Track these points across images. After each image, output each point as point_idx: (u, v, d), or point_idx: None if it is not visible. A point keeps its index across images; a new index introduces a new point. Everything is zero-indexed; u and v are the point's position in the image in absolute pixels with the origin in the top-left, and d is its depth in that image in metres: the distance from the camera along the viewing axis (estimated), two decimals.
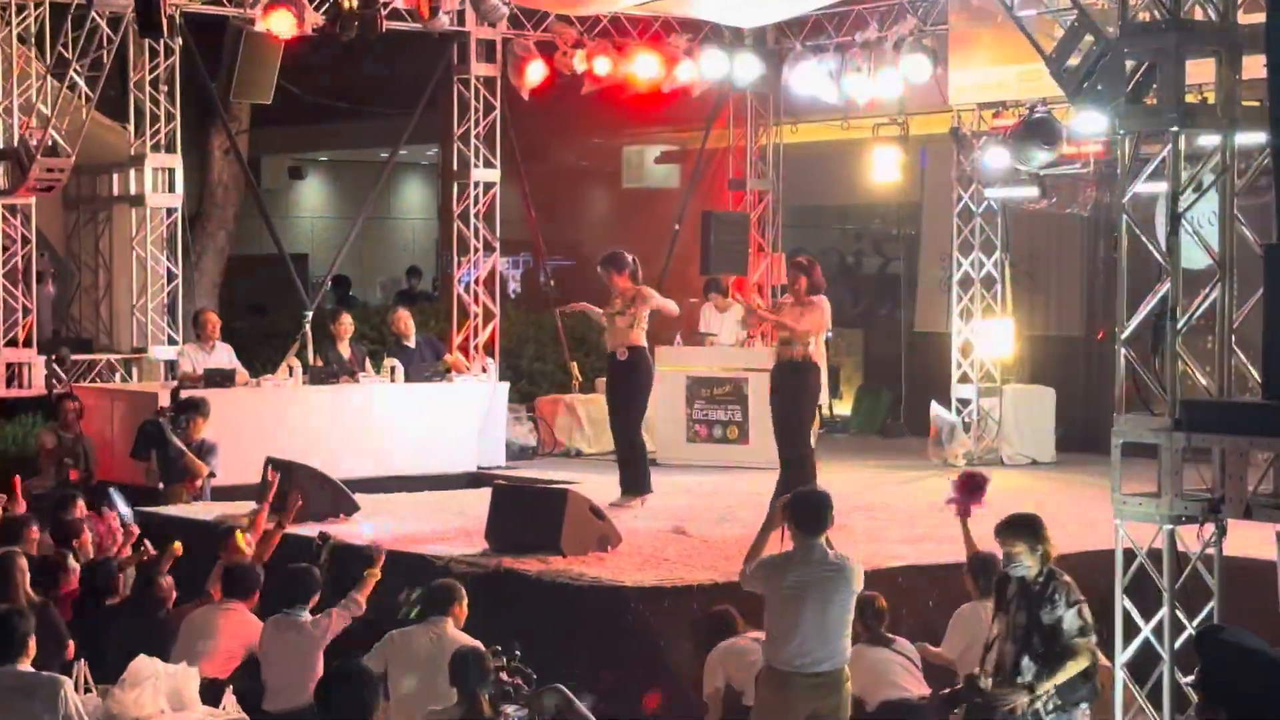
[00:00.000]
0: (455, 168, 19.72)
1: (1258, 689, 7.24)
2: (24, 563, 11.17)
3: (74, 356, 17.90)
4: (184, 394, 15.93)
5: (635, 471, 14.96)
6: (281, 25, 16.70)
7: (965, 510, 11.29)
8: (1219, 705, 7.31)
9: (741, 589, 9.65)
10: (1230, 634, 8.02)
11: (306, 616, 10.35)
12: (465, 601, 10.14)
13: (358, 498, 14.27)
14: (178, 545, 11.86)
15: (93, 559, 12.09)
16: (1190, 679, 7.94)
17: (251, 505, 13.29)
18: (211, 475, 15.38)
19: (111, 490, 13.82)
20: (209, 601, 11.21)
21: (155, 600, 11.29)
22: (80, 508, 12.92)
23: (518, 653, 9.00)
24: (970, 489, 11.38)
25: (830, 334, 17.31)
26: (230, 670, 10.57)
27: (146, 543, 12.36)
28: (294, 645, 10.28)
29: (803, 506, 9.39)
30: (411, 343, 18.43)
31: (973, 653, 10.43)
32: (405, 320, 18.64)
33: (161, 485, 15.15)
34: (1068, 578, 9.17)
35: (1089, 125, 13.74)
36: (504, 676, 8.78)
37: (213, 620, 10.85)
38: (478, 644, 9.21)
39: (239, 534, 12.01)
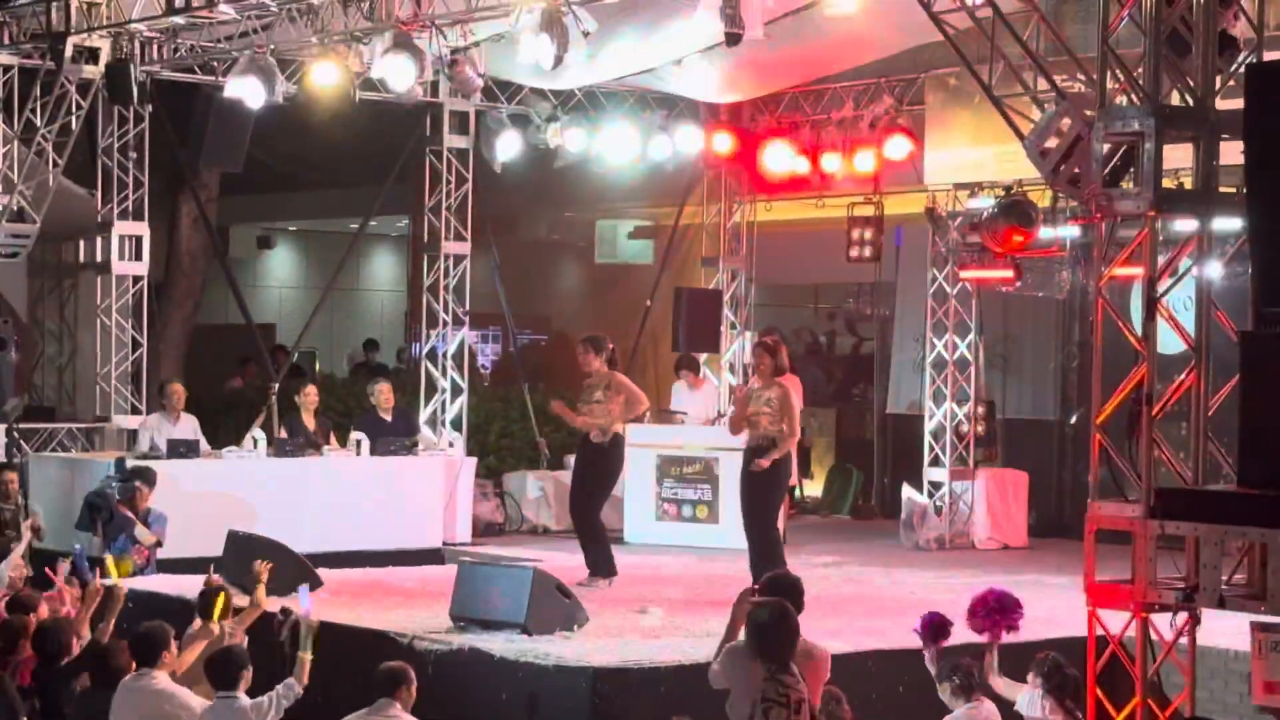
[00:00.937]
0: (426, 239, 19.62)
1: None
2: None
3: (35, 424, 17.68)
4: (130, 463, 15.73)
5: (599, 555, 14.80)
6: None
7: (935, 654, 11.03)
8: None
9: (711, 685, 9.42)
10: None
11: (245, 701, 10.06)
12: (414, 685, 9.95)
13: (321, 572, 14.08)
14: None
15: (44, 621, 11.83)
16: None
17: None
18: (159, 544, 15.15)
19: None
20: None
21: (114, 671, 11.01)
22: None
23: None
24: (935, 633, 11.08)
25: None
26: None
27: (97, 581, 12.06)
28: None
29: (775, 590, 9.22)
30: (389, 415, 18.27)
31: None
32: (386, 393, 18.43)
33: (108, 556, 14.87)
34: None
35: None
36: None
37: (127, 693, 10.49)
38: None
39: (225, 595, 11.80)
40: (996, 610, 10.97)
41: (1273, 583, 8.90)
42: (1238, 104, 9.24)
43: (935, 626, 10.93)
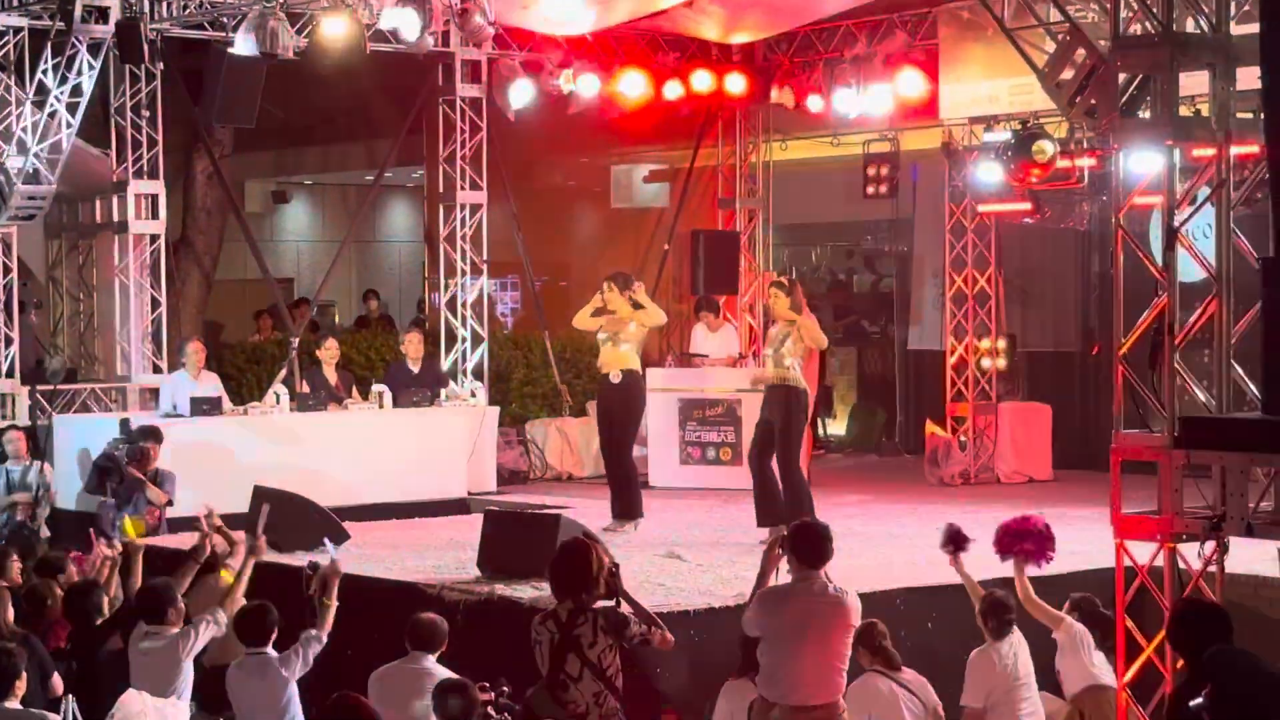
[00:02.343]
0: (441, 190, 19.60)
1: (1267, 709, 7.13)
2: (5, 595, 11.04)
3: (58, 386, 17.69)
4: (135, 423, 15.75)
5: (627, 497, 14.82)
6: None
7: (955, 559, 11.12)
8: None
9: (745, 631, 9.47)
10: (1240, 654, 7.91)
11: (273, 654, 10.10)
12: (447, 636, 10.00)
13: (347, 525, 14.11)
14: None
15: (75, 583, 11.87)
16: (1197, 700, 7.80)
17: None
18: (169, 504, 15.17)
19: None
20: None
21: None
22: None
23: (505, 688, 8.85)
24: (953, 541, 11.17)
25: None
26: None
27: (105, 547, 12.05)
28: (264, 687, 10.02)
29: (804, 538, 9.23)
30: (417, 366, 18.27)
31: (994, 697, 10.28)
32: (415, 343, 18.43)
33: (125, 516, 14.90)
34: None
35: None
36: (491, 712, 8.64)
37: (140, 653, 10.50)
38: (461, 679, 9.07)
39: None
40: (1022, 536, 11.00)
41: None
42: (1253, 29, 9.17)
43: (953, 536, 11.03)
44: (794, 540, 9.22)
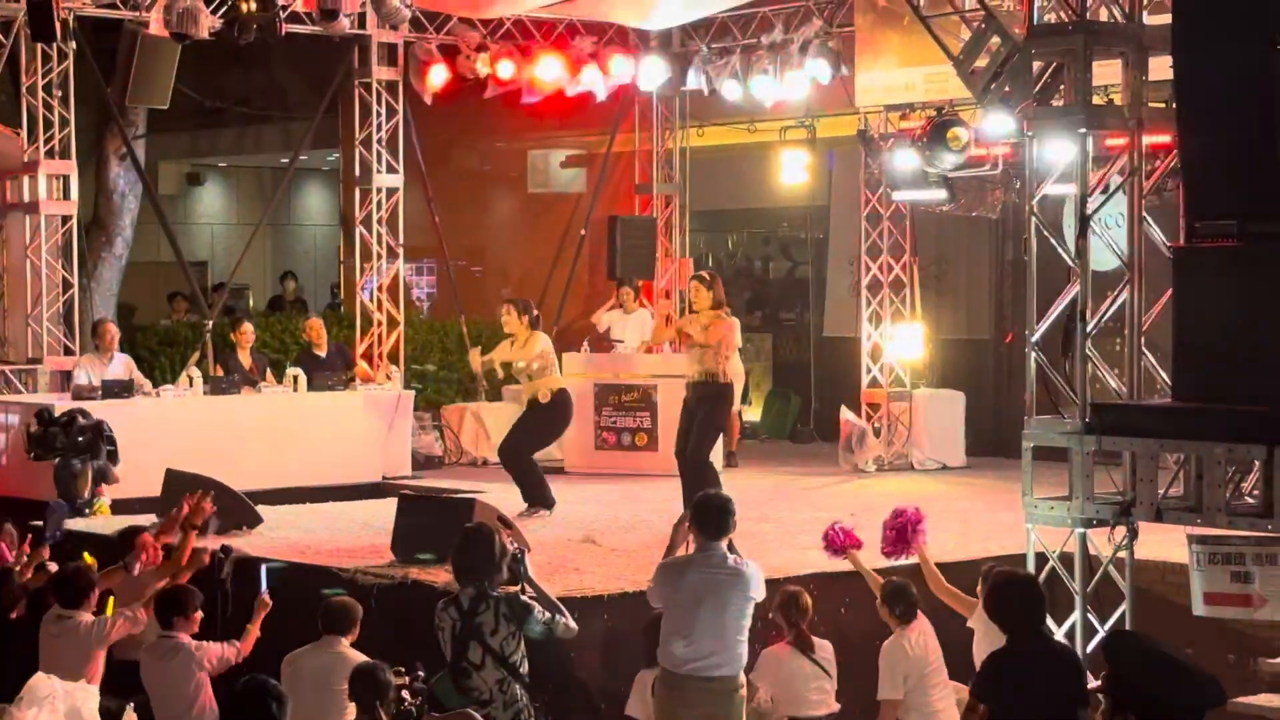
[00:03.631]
0: (357, 173, 19.51)
1: (1166, 693, 7.21)
2: None
3: None
4: (77, 405, 15.58)
5: (534, 487, 14.76)
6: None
7: (848, 555, 11.18)
8: (1127, 709, 7.28)
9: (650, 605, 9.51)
10: (1139, 638, 8.00)
11: (188, 640, 10.03)
12: (359, 620, 9.98)
13: (261, 509, 14.04)
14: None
15: None
16: (1095, 683, 7.89)
17: (153, 518, 13.03)
18: (115, 481, 15.06)
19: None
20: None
21: None
22: None
23: (420, 672, 8.84)
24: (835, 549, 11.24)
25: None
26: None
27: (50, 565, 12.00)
28: (173, 670, 9.96)
29: (704, 510, 9.29)
30: (323, 351, 18.24)
31: (908, 684, 10.32)
32: (317, 329, 18.45)
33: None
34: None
35: (997, 127, 13.67)
36: (405, 696, 8.63)
37: (51, 638, 10.43)
38: (375, 662, 9.06)
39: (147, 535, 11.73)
40: (897, 525, 11.07)
41: (1208, 495, 8.98)
42: (1166, 19, 9.25)
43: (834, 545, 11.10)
44: (695, 513, 9.28)
